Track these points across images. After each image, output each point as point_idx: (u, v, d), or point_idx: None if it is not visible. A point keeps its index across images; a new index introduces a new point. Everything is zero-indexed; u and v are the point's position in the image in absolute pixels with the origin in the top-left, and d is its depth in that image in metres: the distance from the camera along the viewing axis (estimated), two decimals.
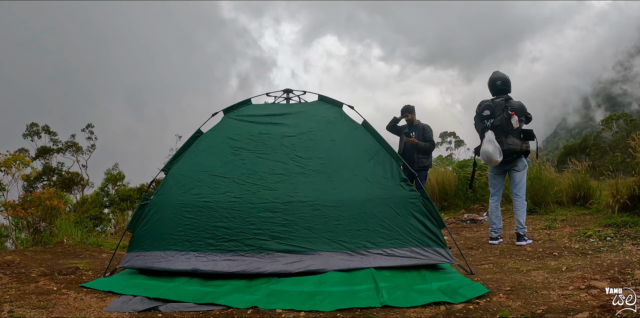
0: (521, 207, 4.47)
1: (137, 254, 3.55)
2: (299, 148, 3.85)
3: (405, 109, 5.95)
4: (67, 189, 20.81)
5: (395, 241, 3.42)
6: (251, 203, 3.55)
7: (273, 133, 3.95)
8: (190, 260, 3.38)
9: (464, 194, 8.14)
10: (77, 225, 6.28)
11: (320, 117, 4.04)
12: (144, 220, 3.70)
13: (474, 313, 2.40)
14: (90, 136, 27.61)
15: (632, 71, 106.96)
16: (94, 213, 11.38)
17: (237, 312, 2.63)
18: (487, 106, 4.44)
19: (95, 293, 3.05)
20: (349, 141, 3.87)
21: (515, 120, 4.27)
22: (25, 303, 2.76)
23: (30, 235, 6.04)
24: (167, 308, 2.71)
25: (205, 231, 3.49)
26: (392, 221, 3.49)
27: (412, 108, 5.94)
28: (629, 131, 23.09)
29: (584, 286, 2.71)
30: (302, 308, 2.62)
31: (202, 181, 3.73)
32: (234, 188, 3.65)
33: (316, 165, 3.75)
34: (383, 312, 2.53)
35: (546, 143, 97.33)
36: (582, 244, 4.10)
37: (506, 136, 4.32)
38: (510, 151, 4.32)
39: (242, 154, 3.83)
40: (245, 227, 3.46)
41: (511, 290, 2.76)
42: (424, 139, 5.77)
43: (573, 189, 6.55)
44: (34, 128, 26.16)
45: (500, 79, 4.53)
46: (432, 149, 5.97)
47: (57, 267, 3.86)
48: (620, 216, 4.93)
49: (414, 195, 3.60)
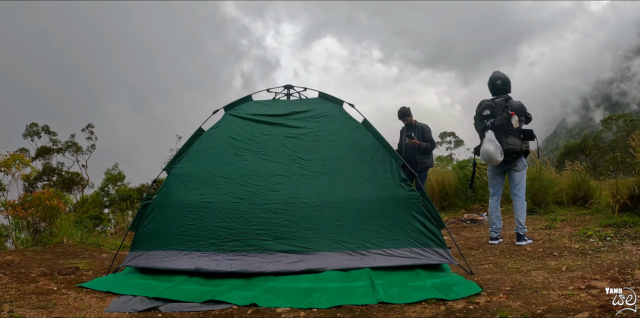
0: (521, 207, 4.47)
1: (140, 253, 3.56)
2: (300, 149, 3.86)
3: (403, 112, 5.99)
4: (67, 189, 20.81)
5: (395, 241, 3.43)
6: (254, 204, 3.57)
7: (275, 134, 3.96)
8: (193, 260, 3.40)
9: (464, 194, 8.14)
10: (77, 225, 6.29)
11: (321, 117, 4.04)
12: (147, 220, 3.70)
13: (474, 313, 2.40)
14: (90, 136, 27.62)
15: (630, 71, 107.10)
16: (94, 213, 11.38)
17: (237, 312, 2.63)
18: (487, 106, 4.44)
19: (95, 293, 3.05)
20: (350, 140, 3.87)
21: (516, 120, 4.26)
22: (25, 303, 2.76)
23: (30, 235, 6.04)
24: (167, 308, 2.71)
25: (209, 231, 3.50)
26: (392, 221, 3.50)
27: (409, 110, 6.00)
28: (628, 131, 23.10)
29: (584, 286, 2.71)
30: (300, 305, 2.65)
31: (205, 182, 3.73)
32: (236, 189, 3.67)
33: (317, 166, 3.76)
34: (383, 312, 2.53)
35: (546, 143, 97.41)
36: (582, 244, 4.10)
37: (506, 135, 4.31)
38: (511, 151, 4.31)
39: (245, 155, 3.85)
40: (247, 227, 3.48)
41: (511, 290, 2.76)
42: (424, 139, 5.78)
43: (573, 190, 6.55)
44: (34, 128, 26.17)
45: (500, 78, 4.52)
46: (433, 148, 6.01)
47: (57, 267, 3.86)
48: (620, 216, 4.93)
49: (414, 195, 3.60)
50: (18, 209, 5.98)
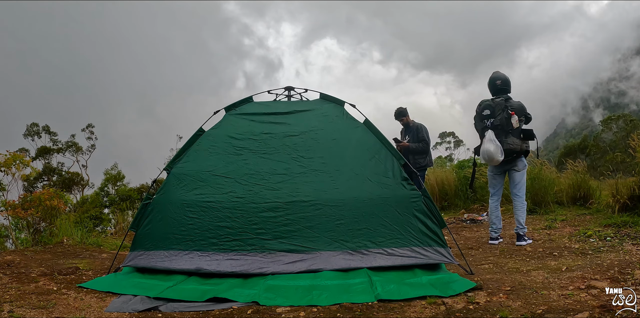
0: (521, 207, 4.47)
1: (140, 253, 3.55)
2: (300, 148, 3.85)
3: (399, 113, 6.01)
4: (67, 189, 20.82)
5: (396, 240, 3.43)
6: (254, 203, 3.56)
7: (275, 133, 3.95)
8: (194, 260, 3.40)
9: (464, 194, 8.14)
10: (77, 225, 6.28)
11: (322, 116, 4.04)
12: (147, 219, 3.70)
13: (474, 313, 2.40)
14: (90, 136, 27.64)
15: (629, 71, 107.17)
16: (94, 213, 11.38)
17: (237, 312, 2.63)
18: (487, 106, 4.44)
19: (95, 293, 3.05)
20: (351, 139, 3.87)
21: (516, 120, 4.26)
22: (25, 303, 2.76)
23: (30, 235, 6.03)
24: (167, 308, 2.71)
25: (209, 230, 3.50)
26: (392, 220, 3.50)
27: (405, 111, 6.02)
28: (628, 131, 23.10)
29: (584, 286, 2.71)
30: (300, 303, 2.67)
31: (205, 181, 3.73)
32: (236, 188, 3.66)
33: (318, 165, 3.75)
34: (383, 312, 2.53)
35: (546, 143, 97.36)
36: (582, 244, 4.10)
37: (506, 135, 4.32)
38: (511, 151, 4.32)
39: (245, 154, 3.85)
40: (248, 227, 3.48)
41: (511, 290, 2.76)
42: (417, 139, 5.80)
43: (573, 189, 6.56)
44: (34, 128, 26.19)
45: (500, 78, 4.53)
46: (426, 148, 5.96)
47: (57, 267, 3.86)
48: (620, 216, 4.93)
49: (415, 194, 3.60)
50: (18, 210, 5.98)
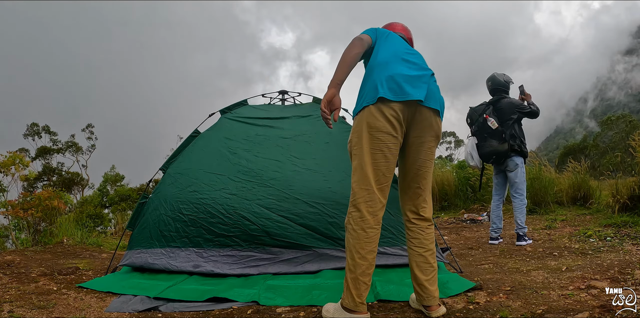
0: (520, 207, 4.48)
1: (137, 252, 3.56)
2: (293, 149, 3.92)
3: None
4: (67, 189, 20.83)
5: (388, 239, 3.44)
6: (247, 200, 3.57)
7: (269, 135, 4.07)
8: (191, 256, 3.42)
9: (464, 194, 8.15)
10: (77, 225, 6.29)
11: (316, 120, 4.16)
12: (143, 218, 3.74)
13: (474, 313, 2.40)
14: (90, 136, 27.67)
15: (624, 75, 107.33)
16: (94, 213, 11.39)
17: (237, 312, 2.63)
18: (469, 114, 4.69)
19: (95, 293, 3.05)
20: (344, 142, 3.89)
21: (492, 121, 4.41)
22: (25, 303, 2.76)
23: (30, 235, 6.04)
24: (167, 308, 2.71)
25: (203, 227, 3.52)
26: (384, 220, 3.51)
27: None
28: (628, 131, 23.13)
29: (584, 286, 2.71)
30: (300, 302, 2.67)
31: (198, 179, 3.78)
32: (229, 185, 3.68)
33: (311, 165, 3.79)
34: (383, 312, 2.53)
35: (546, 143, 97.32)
36: (582, 244, 4.11)
37: (485, 139, 4.49)
38: (490, 153, 4.46)
39: (239, 153, 3.93)
40: (241, 223, 3.48)
41: (511, 290, 2.76)
42: None
43: (573, 190, 6.56)
44: (34, 128, 26.21)
45: (490, 79, 4.72)
46: None
47: (57, 267, 3.86)
48: (620, 216, 4.93)
49: None
50: (17, 210, 5.98)
